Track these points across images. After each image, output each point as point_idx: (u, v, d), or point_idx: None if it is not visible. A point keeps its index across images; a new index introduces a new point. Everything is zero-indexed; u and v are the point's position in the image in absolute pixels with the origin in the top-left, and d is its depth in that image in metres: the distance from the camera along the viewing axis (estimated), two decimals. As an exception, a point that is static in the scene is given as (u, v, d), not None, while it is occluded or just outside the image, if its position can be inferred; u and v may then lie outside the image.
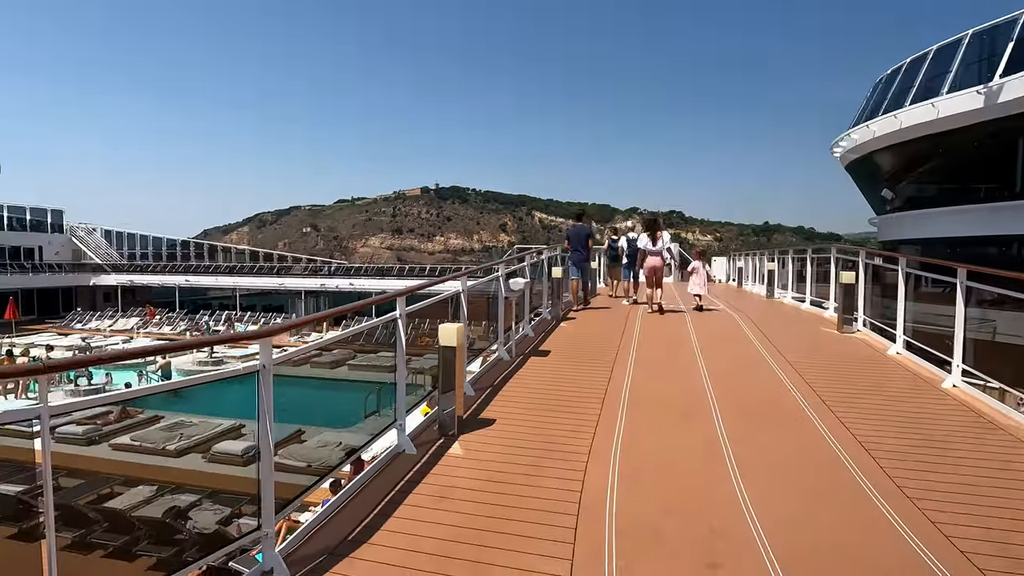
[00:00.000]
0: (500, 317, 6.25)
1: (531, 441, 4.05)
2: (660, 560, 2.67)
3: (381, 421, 3.88)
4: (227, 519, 2.87)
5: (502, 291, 6.28)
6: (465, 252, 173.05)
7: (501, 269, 6.31)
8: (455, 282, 5.20)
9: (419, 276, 32.22)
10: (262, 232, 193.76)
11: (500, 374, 5.73)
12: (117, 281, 36.49)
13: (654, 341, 7.61)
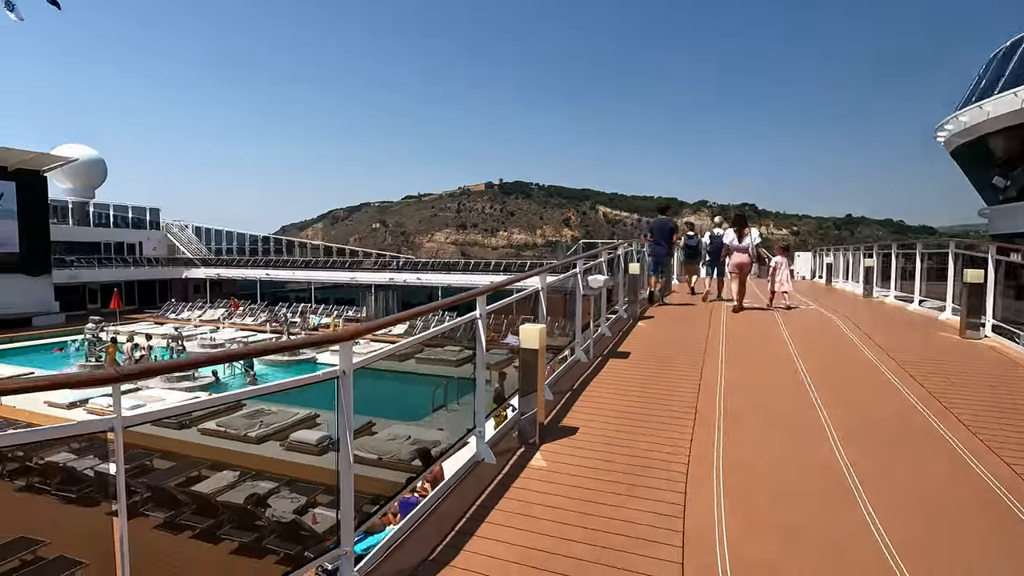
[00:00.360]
0: (578, 316, 5.90)
1: (619, 454, 3.70)
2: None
3: (453, 421, 3.68)
4: (303, 508, 2.77)
5: (580, 288, 5.92)
6: (528, 247, 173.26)
7: (580, 265, 5.94)
8: (534, 279, 4.89)
9: (484, 271, 32.33)
10: (335, 228, 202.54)
11: (579, 377, 5.39)
12: (206, 274, 39.07)
13: (744, 344, 7.00)
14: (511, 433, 4.00)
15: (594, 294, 6.29)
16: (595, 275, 6.27)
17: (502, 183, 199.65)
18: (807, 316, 9.25)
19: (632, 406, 4.63)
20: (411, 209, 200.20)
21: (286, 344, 2.79)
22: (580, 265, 5.98)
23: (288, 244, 45.61)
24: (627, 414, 4.45)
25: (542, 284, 4.77)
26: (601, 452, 3.74)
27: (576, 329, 5.96)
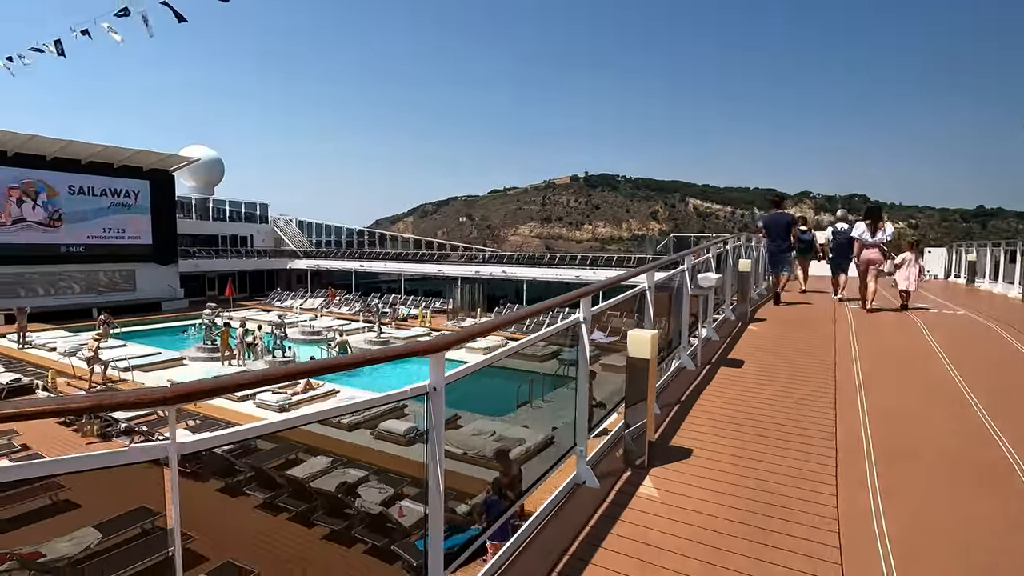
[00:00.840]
0: (684, 318, 5.28)
1: (745, 486, 3.11)
2: None
3: (538, 419, 3.39)
4: (391, 499, 2.64)
5: (687, 286, 5.29)
6: (614, 240, 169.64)
7: (687, 261, 5.31)
8: (640, 276, 4.35)
9: (569, 265, 31.70)
10: (424, 221, 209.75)
11: (686, 387, 4.79)
12: (307, 265, 41.59)
13: (884, 354, 6.02)
14: (614, 452, 3.53)
15: (703, 294, 5.62)
16: (706, 272, 5.59)
17: (587, 176, 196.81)
18: (956, 322, 7.92)
19: (755, 426, 3.98)
20: (496, 203, 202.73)
21: (372, 357, 2.47)
22: (688, 261, 5.34)
23: (380, 237, 47.50)
24: (750, 436, 3.82)
25: (650, 283, 4.22)
26: (723, 481, 3.17)
27: (681, 332, 5.34)
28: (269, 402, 13.86)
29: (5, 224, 27.95)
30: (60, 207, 29.94)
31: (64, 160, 29.74)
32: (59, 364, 17.65)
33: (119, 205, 32.35)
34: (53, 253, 29.73)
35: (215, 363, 19.49)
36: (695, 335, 5.71)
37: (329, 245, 47.25)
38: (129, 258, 32.91)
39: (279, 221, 47.67)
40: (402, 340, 23.64)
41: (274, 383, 2.08)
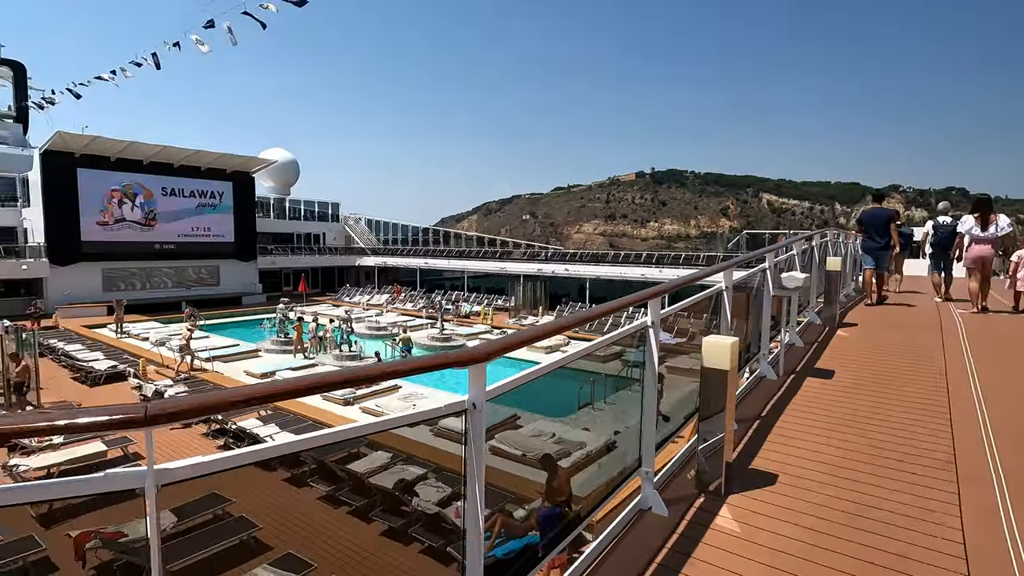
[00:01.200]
0: (765, 321, 4.75)
1: (844, 523, 2.64)
2: None
3: (599, 422, 3.07)
4: (447, 499, 2.76)
5: (769, 287, 4.75)
6: (681, 238, 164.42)
7: (769, 259, 4.76)
8: (716, 276, 3.90)
9: (634, 263, 30.79)
10: (488, 219, 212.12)
11: (767, 400, 4.28)
12: (374, 263, 42.88)
13: (1004, 362, 5.20)
14: (685, 472, 3.13)
15: (787, 295, 5.05)
16: (790, 272, 5.01)
17: (654, 172, 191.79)
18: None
19: (851, 449, 3.44)
20: (560, 200, 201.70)
21: (391, 370, 2.19)
22: (769, 259, 4.80)
23: (444, 235, 48.25)
24: (845, 460, 3.29)
25: (727, 283, 3.76)
26: (818, 517, 2.71)
27: (761, 338, 4.81)
28: (335, 395, 14.19)
29: (108, 223, 30.53)
30: (155, 207, 32.37)
31: (158, 164, 32.11)
32: (150, 353, 18.99)
33: (205, 205, 34.57)
34: (148, 250, 32.19)
35: (287, 355, 20.32)
36: (776, 340, 5.15)
37: (396, 243, 48.52)
38: (214, 255, 35.12)
39: (349, 220, 49.44)
40: (464, 337, 23.75)
41: (260, 402, 1.88)
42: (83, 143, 28.73)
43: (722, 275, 3.80)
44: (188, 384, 14.97)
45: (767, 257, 4.80)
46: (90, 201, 29.77)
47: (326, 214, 47.26)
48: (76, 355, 17.97)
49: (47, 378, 16.34)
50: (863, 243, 8.22)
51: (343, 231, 48.05)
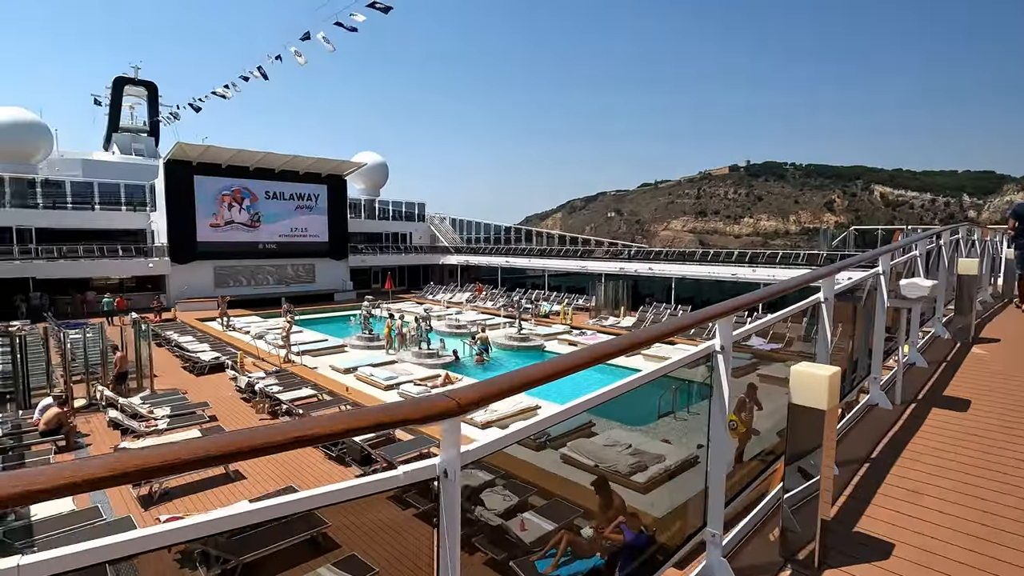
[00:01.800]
0: (877, 337, 3.93)
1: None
2: None
3: (681, 434, 2.63)
4: (513, 509, 2.25)
5: (883, 295, 3.93)
6: (779, 235, 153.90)
7: (884, 262, 3.93)
8: (812, 281, 3.20)
9: (724, 262, 28.84)
10: (572, 217, 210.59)
11: (879, 437, 3.50)
12: (457, 261, 43.67)
13: None
14: (767, 532, 2.53)
15: (907, 306, 4.16)
16: (912, 279, 4.12)
17: (749, 165, 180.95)
18: None
19: (998, 514, 2.65)
20: (646, 197, 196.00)
21: (368, 421, 1.82)
22: (884, 262, 3.96)
23: (527, 233, 48.18)
24: (990, 530, 2.53)
25: (827, 293, 3.06)
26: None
27: (872, 356, 3.99)
28: (411, 393, 14.37)
29: (219, 225, 33.34)
30: (259, 210, 34.94)
31: (262, 169, 34.61)
32: (247, 346, 20.36)
33: (302, 207, 36.83)
34: (253, 249, 34.80)
35: (371, 351, 21.01)
36: (892, 359, 4.28)
37: (478, 241, 49.15)
38: (310, 254, 37.35)
39: (435, 219, 50.74)
40: (542, 337, 23.40)
41: (231, 459, 1.59)
42: (199, 152, 31.54)
43: (823, 284, 3.10)
44: (278, 377, 15.80)
45: (880, 260, 3.97)
46: (204, 205, 32.65)
47: (412, 214, 48.82)
48: (186, 346, 19.63)
49: (162, 366, 17.97)
50: (1015, 241, 6.82)
51: (428, 230, 49.40)
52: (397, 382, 15.51)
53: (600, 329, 25.18)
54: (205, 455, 1.01)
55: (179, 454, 0.98)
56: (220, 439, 1.07)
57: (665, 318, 26.13)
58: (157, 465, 0.95)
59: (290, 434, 1.09)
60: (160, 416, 12.50)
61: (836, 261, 24.78)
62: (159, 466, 0.94)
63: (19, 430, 11.49)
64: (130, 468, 0.93)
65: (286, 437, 1.08)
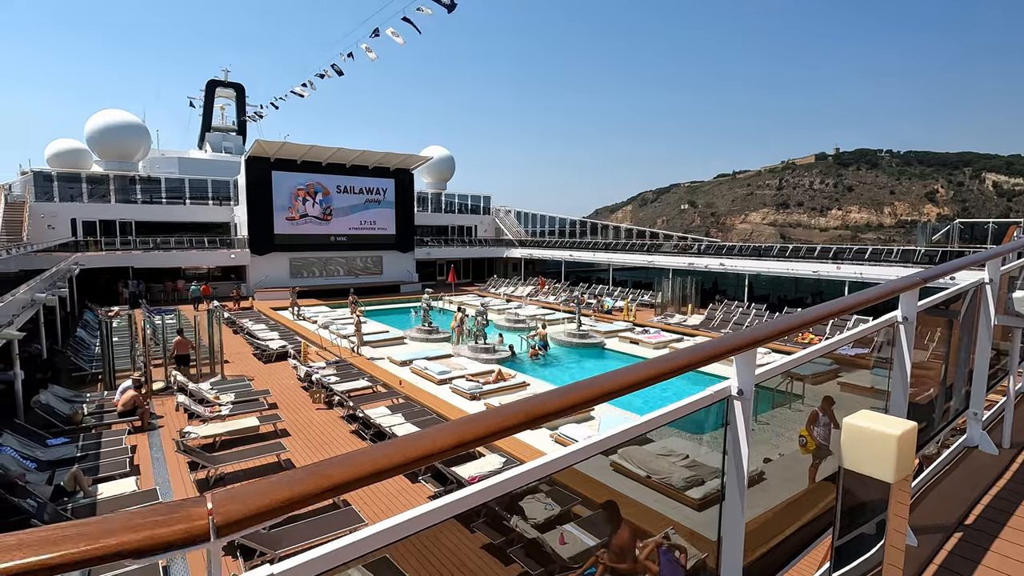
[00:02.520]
0: (981, 363, 3.16)
1: None
2: None
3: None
4: (552, 520, 2.00)
5: (990, 309, 3.15)
6: (871, 228, 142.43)
7: (992, 267, 3.13)
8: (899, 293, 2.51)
9: (805, 258, 26.63)
10: (643, 210, 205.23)
11: (978, 490, 2.77)
12: (521, 254, 43.45)
13: None
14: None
15: (1021, 325, 3.32)
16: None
17: (839, 153, 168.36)
18: None
19: None
20: (723, 188, 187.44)
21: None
22: (993, 268, 3.16)
23: (592, 227, 47.15)
24: None
25: (907, 312, 2.40)
26: None
27: (973, 386, 3.21)
28: (462, 388, 14.23)
29: (294, 219, 34.92)
30: (331, 203, 36.27)
31: (334, 165, 35.87)
32: (313, 335, 21.09)
33: (371, 201, 37.87)
34: (325, 242, 36.22)
35: (429, 344, 21.17)
36: (999, 390, 3.46)
37: (542, 235, 48.69)
38: (378, 246, 38.41)
39: (500, 212, 50.78)
40: (602, 334, 22.67)
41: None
42: (275, 149, 33.11)
43: (903, 299, 2.43)
44: (337, 367, 16.17)
45: (988, 266, 3.17)
46: (281, 199, 34.30)
47: (478, 207, 49.10)
48: (257, 334, 20.61)
49: (234, 353, 18.95)
50: None
51: (493, 223, 49.51)
52: (450, 376, 15.44)
53: (664, 327, 24.07)
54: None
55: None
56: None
57: (737, 316, 24.57)
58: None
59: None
60: (224, 402, 13.07)
61: (936, 259, 22.13)
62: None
63: (102, 410, 12.39)
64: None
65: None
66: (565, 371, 18.71)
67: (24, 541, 0.62)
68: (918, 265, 22.11)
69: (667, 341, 20.89)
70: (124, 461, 9.61)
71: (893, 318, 2.41)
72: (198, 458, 9.38)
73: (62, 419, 11.45)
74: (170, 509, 0.70)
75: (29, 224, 29.27)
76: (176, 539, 0.66)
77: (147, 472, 9.88)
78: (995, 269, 3.22)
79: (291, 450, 10.76)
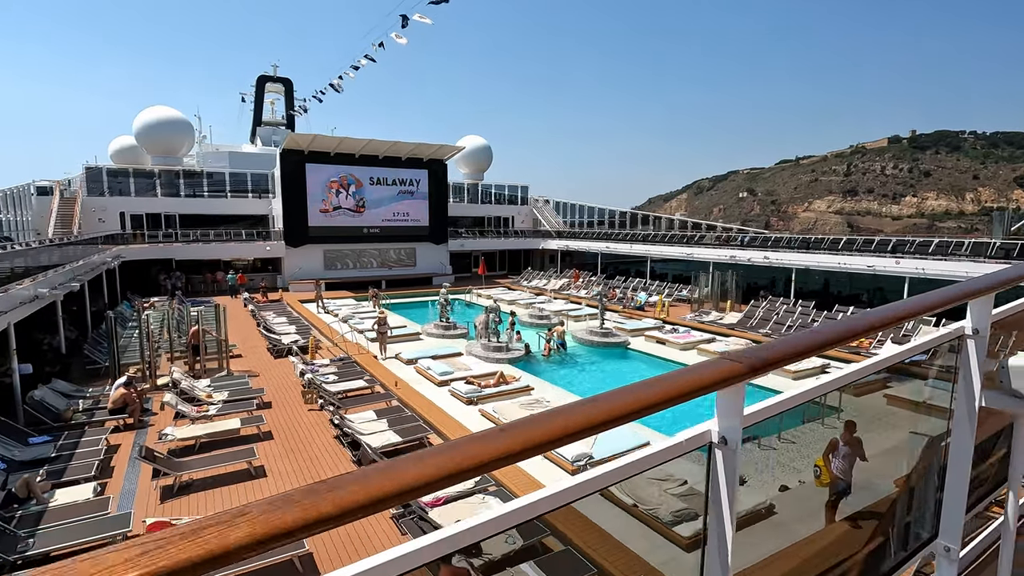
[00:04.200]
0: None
1: None
2: None
3: (758, 462, 1.81)
4: (513, 556, 1.95)
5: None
6: (950, 216, 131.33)
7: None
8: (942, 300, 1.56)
9: (862, 250, 24.08)
10: (698, 198, 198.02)
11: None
12: (557, 246, 42.25)
13: None
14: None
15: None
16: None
17: (915, 136, 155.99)
18: None
19: None
20: (785, 175, 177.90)
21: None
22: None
23: (632, 217, 45.28)
24: None
25: (979, 321, 1.60)
26: None
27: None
28: (460, 392, 13.49)
29: (328, 211, 35.17)
30: (363, 195, 36.32)
31: (366, 156, 35.84)
32: (330, 329, 20.90)
33: (404, 192, 37.67)
34: (358, 234, 36.34)
35: (445, 340, 20.57)
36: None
37: (582, 226, 47.24)
38: (411, 238, 38.24)
39: (538, 202, 49.64)
40: (627, 332, 21.38)
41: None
42: (308, 142, 33.33)
43: (971, 307, 1.77)
44: (340, 365, 15.78)
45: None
46: (315, 191, 34.58)
47: (516, 197, 48.16)
48: (275, 328, 20.61)
49: (250, 347, 18.99)
50: None
51: (531, 214, 48.46)
52: (451, 377, 14.73)
53: (697, 325, 22.45)
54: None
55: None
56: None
57: (779, 315, 22.60)
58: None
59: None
60: (216, 400, 12.87)
61: (1014, 252, 19.34)
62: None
63: (96, 405, 12.43)
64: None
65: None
66: (580, 373, 17.64)
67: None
68: (991, 261, 19.47)
69: (695, 342, 19.37)
70: (93, 464, 9.42)
71: (960, 330, 1.83)
72: (160, 465, 9.05)
73: (53, 416, 11.51)
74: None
75: (81, 218, 30.77)
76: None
77: (119, 475, 9.68)
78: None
79: (265, 456, 10.34)
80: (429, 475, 0.75)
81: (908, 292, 21.72)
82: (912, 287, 21.69)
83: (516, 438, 0.86)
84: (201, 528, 0.59)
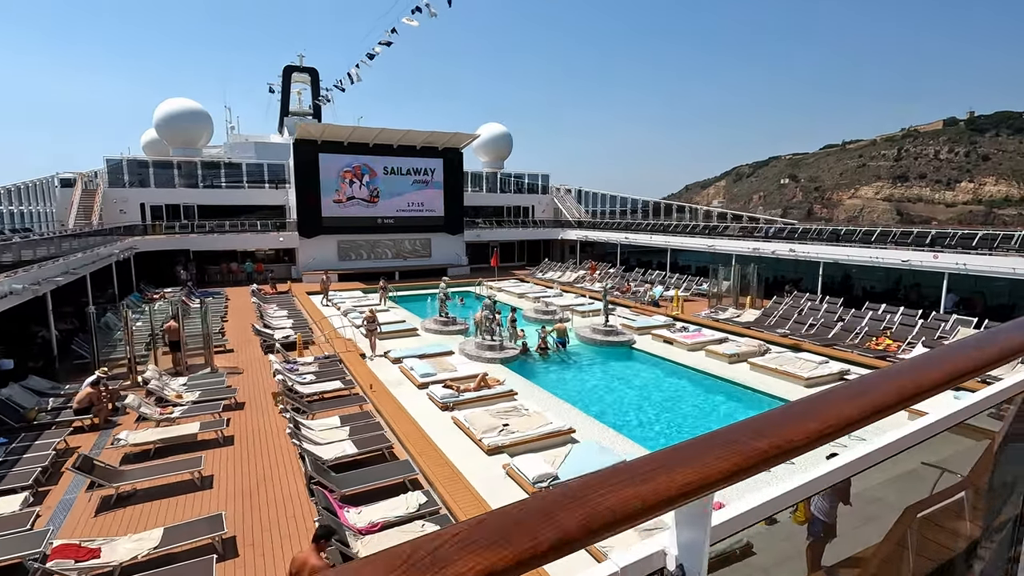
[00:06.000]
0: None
1: None
2: None
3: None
4: None
5: None
6: (1009, 202, 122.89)
7: None
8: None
9: (900, 243, 21.99)
10: (737, 186, 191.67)
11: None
12: (576, 237, 40.97)
13: None
14: None
15: None
16: None
17: (973, 117, 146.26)
18: None
19: None
20: (830, 160, 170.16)
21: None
22: None
23: (657, 207, 43.49)
24: None
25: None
26: None
27: None
28: (436, 396, 12.75)
29: (341, 201, 34.88)
30: (377, 185, 35.87)
31: (380, 145, 35.31)
32: (325, 324, 20.49)
33: (419, 182, 37.04)
34: (372, 224, 35.97)
35: (443, 336, 19.90)
36: None
37: (604, 215, 45.74)
38: (426, 229, 37.66)
39: (560, 191, 48.34)
40: (634, 330, 20.24)
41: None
42: (320, 131, 33.00)
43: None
44: (320, 364, 15.28)
45: None
46: (328, 182, 34.32)
47: (536, 185, 46.98)
48: (269, 322, 20.32)
49: (243, 342, 18.73)
50: None
51: (552, 203, 47.23)
52: (432, 380, 14.00)
53: (710, 324, 21.07)
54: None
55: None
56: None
57: (802, 314, 20.97)
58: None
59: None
60: (185, 401, 12.50)
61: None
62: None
63: (65, 404, 12.21)
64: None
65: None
66: (576, 375, 16.64)
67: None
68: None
69: (705, 342, 18.07)
70: (34, 472, 9.07)
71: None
72: (97, 476, 8.61)
73: (16, 416, 11.31)
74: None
75: (102, 208, 31.35)
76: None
77: (65, 483, 9.33)
78: None
79: (218, 464, 9.85)
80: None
81: (947, 289, 19.79)
82: (952, 282, 19.77)
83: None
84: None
